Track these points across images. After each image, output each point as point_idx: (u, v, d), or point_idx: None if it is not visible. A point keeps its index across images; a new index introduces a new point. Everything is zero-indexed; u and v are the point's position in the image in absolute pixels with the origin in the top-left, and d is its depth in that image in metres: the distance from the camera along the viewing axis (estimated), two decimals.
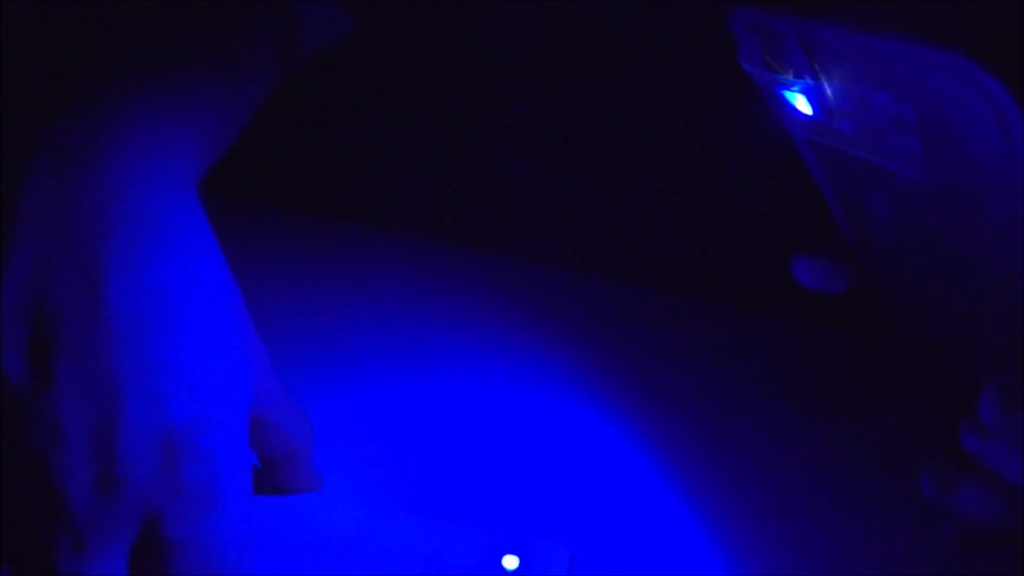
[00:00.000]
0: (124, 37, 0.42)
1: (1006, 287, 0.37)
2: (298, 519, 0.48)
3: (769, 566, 0.47)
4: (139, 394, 0.37)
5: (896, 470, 0.50)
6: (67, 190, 0.38)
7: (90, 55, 0.41)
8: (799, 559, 0.48)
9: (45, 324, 0.37)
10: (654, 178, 0.65)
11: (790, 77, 0.37)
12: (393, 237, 0.66)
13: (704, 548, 0.48)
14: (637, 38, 0.61)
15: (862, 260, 0.45)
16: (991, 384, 0.37)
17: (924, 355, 0.46)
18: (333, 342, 0.58)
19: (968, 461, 0.41)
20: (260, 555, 0.46)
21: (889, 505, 0.49)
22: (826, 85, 0.36)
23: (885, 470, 0.51)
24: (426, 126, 0.68)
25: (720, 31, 0.40)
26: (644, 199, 0.66)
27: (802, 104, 0.38)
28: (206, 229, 0.42)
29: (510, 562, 0.42)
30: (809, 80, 0.37)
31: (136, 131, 0.40)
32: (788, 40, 0.36)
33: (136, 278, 0.38)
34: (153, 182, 0.40)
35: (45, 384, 0.37)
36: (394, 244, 0.66)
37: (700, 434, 0.54)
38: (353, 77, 0.67)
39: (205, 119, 0.43)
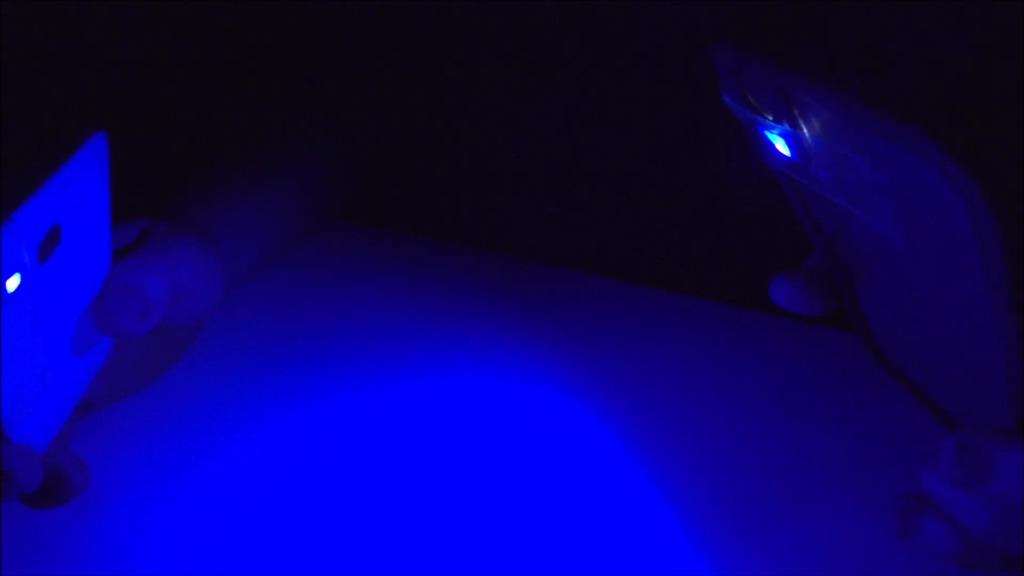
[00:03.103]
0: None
1: (974, 342, 0.37)
2: (297, 517, 0.48)
3: (766, 566, 0.47)
4: None
5: (892, 469, 0.50)
6: None
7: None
8: (796, 558, 0.48)
9: None
10: (653, 178, 0.65)
11: (769, 120, 0.37)
12: (394, 237, 0.66)
13: (699, 548, 0.48)
14: (643, 42, 0.61)
15: (839, 288, 0.44)
16: (951, 441, 0.37)
17: (901, 380, 0.46)
18: (333, 341, 0.58)
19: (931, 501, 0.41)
20: (258, 554, 0.47)
21: (885, 505, 0.49)
22: (805, 133, 0.36)
23: (880, 469, 0.51)
24: (427, 127, 0.68)
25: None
26: (644, 199, 0.66)
27: (781, 146, 0.38)
28: None
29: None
30: (788, 127, 0.37)
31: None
32: (768, 88, 0.36)
33: None
34: None
35: None
36: (395, 244, 0.66)
37: (697, 432, 0.54)
38: (352, 77, 0.67)
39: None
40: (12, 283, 0.39)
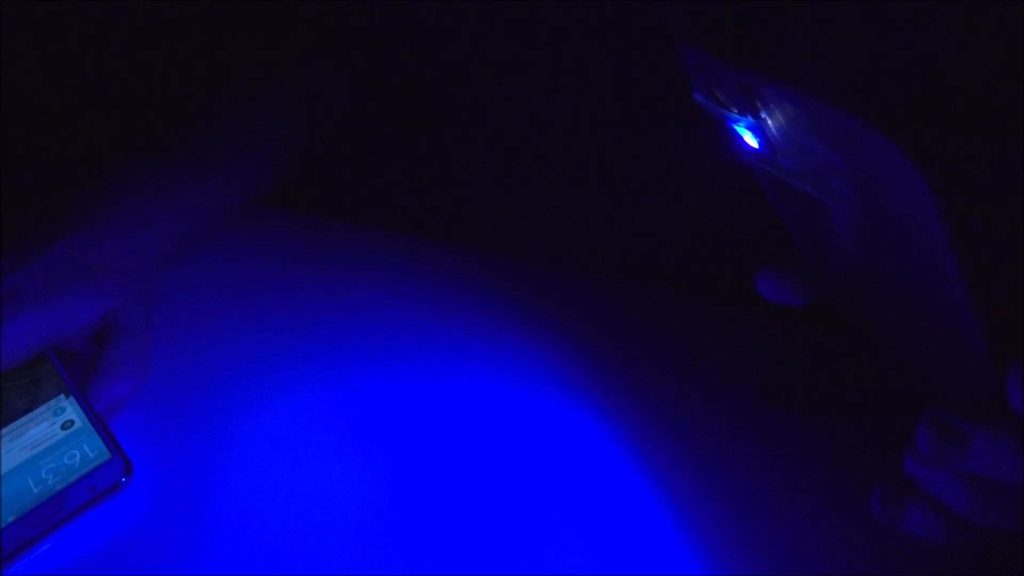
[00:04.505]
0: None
1: (939, 323, 0.38)
2: (296, 516, 0.49)
3: (766, 565, 0.47)
4: None
5: (873, 467, 0.50)
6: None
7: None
8: (795, 556, 0.48)
9: None
10: (652, 177, 0.65)
11: (735, 113, 0.38)
12: (393, 237, 0.66)
13: (698, 546, 0.48)
14: (643, 39, 0.61)
15: (821, 278, 0.45)
16: (925, 417, 0.38)
17: (882, 368, 0.47)
18: (333, 340, 0.58)
19: (914, 484, 0.41)
20: (257, 553, 0.47)
21: (866, 503, 0.49)
22: (768, 124, 0.37)
23: (862, 467, 0.51)
24: (427, 128, 0.69)
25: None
26: (640, 200, 0.66)
27: (749, 138, 0.39)
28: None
29: None
30: (751, 118, 0.37)
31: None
32: (730, 83, 0.37)
33: None
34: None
35: None
36: (394, 244, 0.66)
37: (697, 431, 0.54)
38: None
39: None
40: None
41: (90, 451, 0.49)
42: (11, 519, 0.46)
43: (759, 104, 0.37)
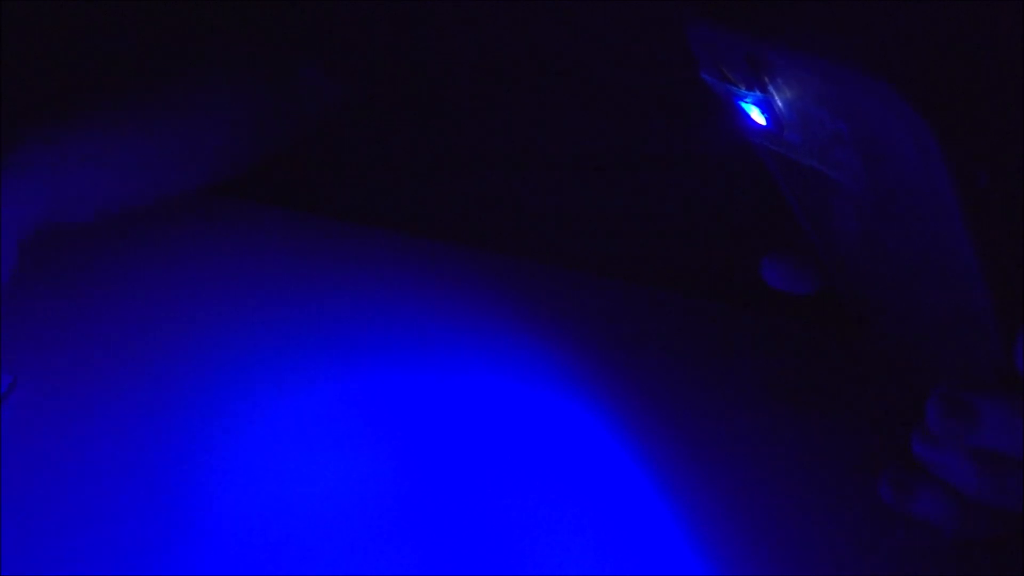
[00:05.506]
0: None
1: (947, 297, 0.38)
2: (294, 515, 0.48)
3: (766, 565, 0.47)
4: None
5: (879, 465, 0.50)
6: None
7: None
8: (795, 557, 0.48)
9: None
10: (650, 179, 0.66)
11: (743, 89, 0.38)
12: (393, 237, 0.66)
13: (699, 547, 0.48)
14: (643, 40, 0.62)
15: (827, 263, 0.45)
16: (934, 394, 0.38)
17: (890, 356, 0.47)
18: (333, 341, 0.58)
19: (923, 467, 0.41)
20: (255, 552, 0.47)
21: (873, 501, 0.48)
22: (775, 98, 0.37)
23: (868, 465, 0.50)
24: (426, 127, 0.69)
25: None
26: (640, 199, 0.66)
27: (756, 115, 0.39)
28: None
29: None
30: (759, 93, 0.38)
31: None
32: (736, 56, 0.37)
33: None
34: None
35: None
36: (394, 244, 0.66)
37: (697, 432, 0.54)
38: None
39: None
40: None
41: None
42: None
43: (766, 77, 0.37)
